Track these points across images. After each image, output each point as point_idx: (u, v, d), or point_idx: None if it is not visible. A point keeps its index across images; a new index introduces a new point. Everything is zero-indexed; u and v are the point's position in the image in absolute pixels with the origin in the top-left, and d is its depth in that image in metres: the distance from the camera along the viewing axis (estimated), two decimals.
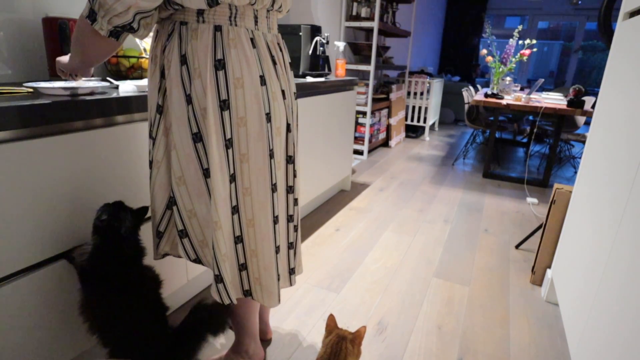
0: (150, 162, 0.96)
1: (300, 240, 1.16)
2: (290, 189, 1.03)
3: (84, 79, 1.04)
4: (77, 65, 0.88)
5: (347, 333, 1.00)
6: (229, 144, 0.86)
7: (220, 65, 0.81)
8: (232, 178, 0.89)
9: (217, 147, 0.85)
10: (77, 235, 0.99)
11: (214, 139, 0.84)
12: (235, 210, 0.92)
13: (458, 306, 1.58)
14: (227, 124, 0.85)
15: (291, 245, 1.08)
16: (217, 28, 0.81)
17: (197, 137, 0.86)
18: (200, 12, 0.80)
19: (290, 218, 1.06)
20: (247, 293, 1.01)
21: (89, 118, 0.96)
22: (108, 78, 1.34)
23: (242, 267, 0.98)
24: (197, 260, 1.00)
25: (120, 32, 0.78)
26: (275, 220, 0.96)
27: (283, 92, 0.94)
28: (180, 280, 1.37)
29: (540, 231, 2.22)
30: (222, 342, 1.31)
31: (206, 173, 0.88)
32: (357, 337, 0.99)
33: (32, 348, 0.93)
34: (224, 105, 0.83)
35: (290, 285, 1.10)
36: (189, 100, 0.84)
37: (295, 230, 1.09)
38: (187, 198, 0.92)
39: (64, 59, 0.93)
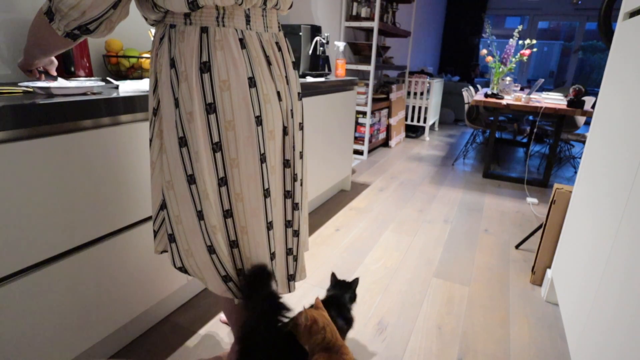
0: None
1: (305, 246, 1.14)
2: (288, 194, 1.01)
3: (58, 78, 1.04)
4: (34, 56, 0.88)
5: (317, 311, 1.02)
6: (216, 147, 0.84)
7: (205, 67, 0.80)
8: (222, 182, 0.87)
9: (205, 151, 0.84)
10: (76, 235, 0.99)
11: (202, 143, 0.83)
12: (228, 214, 0.90)
13: (458, 306, 1.58)
14: (214, 128, 0.83)
15: (290, 252, 1.05)
16: (204, 29, 0.79)
17: (182, 142, 0.85)
18: (187, 14, 0.79)
19: (288, 223, 1.03)
20: None
21: (86, 118, 0.96)
22: (108, 78, 1.34)
23: (240, 272, 0.97)
24: (182, 269, 0.98)
25: (78, 35, 0.79)
26: (269, 226, 0.94)
27: (279, 93, 0.91)
28: (180, 280, 1.37)
29: (540, 231, 2.22)
30: (226, 342, 1.31)
31: (190, 180, 0.87)
32: (318, 305, 1.06)
33: (32, 348, 0.93)
34: (210, 108, 0.82)
35: (289, 291, 1.08)
36: (176, 104, 0.83)
37: (296, 235, 1.06)
38: (175, 203, 0.91)
39: (23, 57, 0.93)
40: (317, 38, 2.24)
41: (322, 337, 0.97)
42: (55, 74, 1.03)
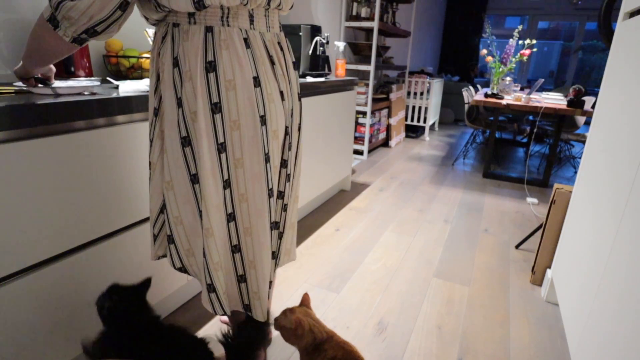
0: (150, 164, 0.95)
1: (290, 255, 1.12)
2: (280, 194, 1.00)
3: (56, 82, 1.03)
4: (35, 64, 0.86)
5: (302, 309, 0.99)
6: (221, 148, 0.84)
7: (211, 67, 0.79)
8: (227, 184, 0.87)
9: (208, 152, 0.83)
10: (75, 236, 0.99)
11: (205, 143, 0.82)
12: (231, 217, 0.90)
13: (458, 306, 1.58)
14: (219, 128, 0.83)
15: (273, 255, 1.03)
16: (209, 29, 0.79)
17: (186, 142, 0.85)
18: (191, 14, 0.79)
19: (275, 225, 1.01)
20: (247, 308, 0.98)
21: (85, 119, 0.96)
22: (108, 78, 1.34)
23: (241, 278, 0.95)
24: (183, 269, 0.97)
25: (85, 39, 0.78)
26: (273, 226, 0.93)
27: (282, 93, 0.91)
28: (180, 280, 1.37)
29: (540, 231, 2.22)
30: None
31: (194, 179, 0.86)
32: (307, 304, 1.01)
33: (31, 348, 0.93)
34: (216, 108, 0.81)
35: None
36: (179, 103, 0.83)
37: (280, 237, 1.05)
38: (175, 204, 0.90)
39: (21, 64, 0.90)
40: (317, 38, 2.24)
41: (313, 339, 0.96)
42: (53, 81, 1.01)
